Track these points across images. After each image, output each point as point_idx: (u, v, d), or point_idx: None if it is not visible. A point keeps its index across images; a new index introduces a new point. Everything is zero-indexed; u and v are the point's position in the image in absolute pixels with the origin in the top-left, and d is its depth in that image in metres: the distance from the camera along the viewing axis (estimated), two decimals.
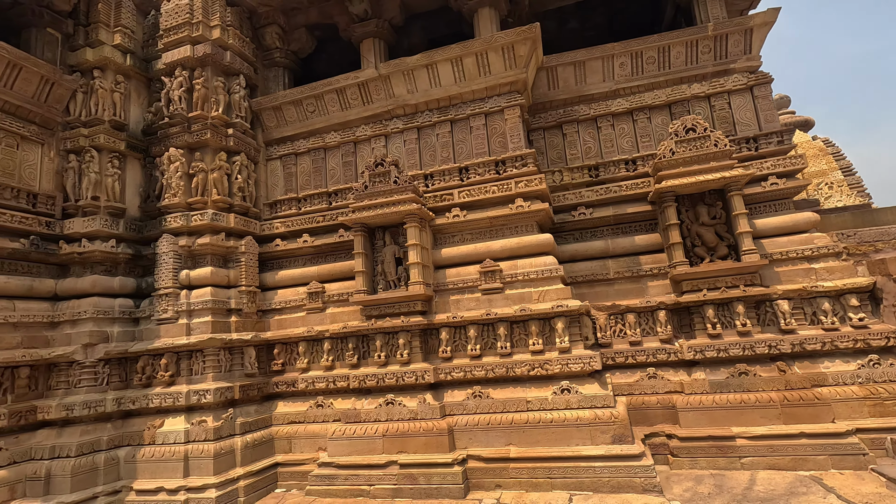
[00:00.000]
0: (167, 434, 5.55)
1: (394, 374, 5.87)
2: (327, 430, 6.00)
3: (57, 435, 5.50)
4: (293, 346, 6.72)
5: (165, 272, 6.34)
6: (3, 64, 5.90)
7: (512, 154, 6.54)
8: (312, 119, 7.53)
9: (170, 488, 5.16)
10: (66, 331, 6.01)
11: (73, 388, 5.77)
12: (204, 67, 7.04)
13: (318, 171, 7.52)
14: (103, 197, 6.56)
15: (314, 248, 7.18)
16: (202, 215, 6.54)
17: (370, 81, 7.14)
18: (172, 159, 6.75)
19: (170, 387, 5.88)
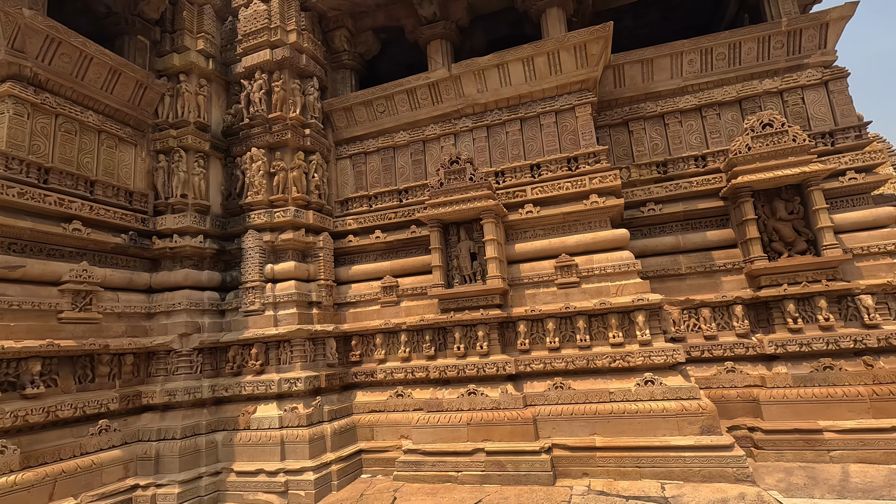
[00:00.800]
0: (261, 420, 5.83)
1: (474, 365, 6.05)
2: (409, 419, 6.21)
3: (160, 418, 5.83)
4: (370, 337, 6.96)
5: (251, 266, 6.64)
6: (105, 70, 6.27)
7: (584, 151, 6.65)
8: (382, 119, 7.77)
9: (269, 470, 5.43)
10: (162, 321, 6.35)
11: (171, 375, 6.10)
12: (282, 70, 7.34)
13: (388, 169, 7.75)
14: (191, 195, 6.89)
15: (385, 244, 7.41)
16: (284, 212, 6.83)
17: (441, 82, 7.33)
18: (255, 158, 7.06)
19: (260, 375, 6.16)
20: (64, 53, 5.84)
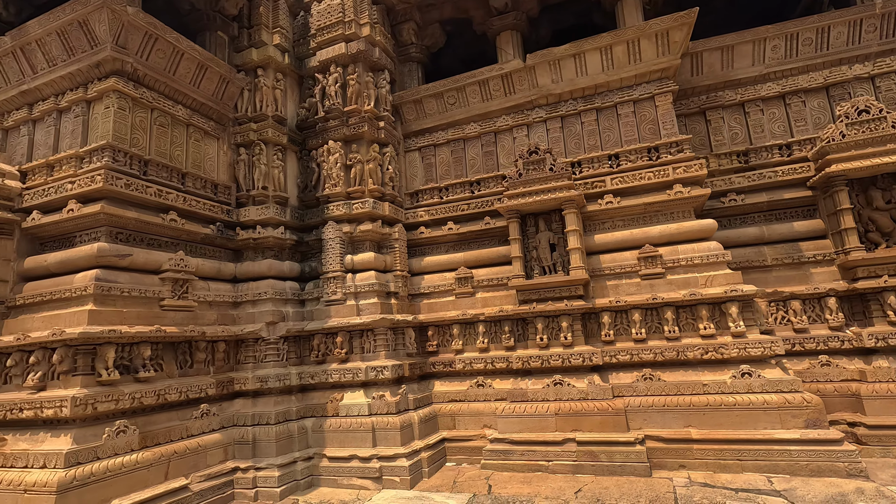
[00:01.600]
0: (350, 407, 5.93)
1: (559, 356, 6.03)
2: (491, 409, 6.24)
3: (253, 404, 5.99)
4: (446, 328, 7.00)
5: (332, 257, 6.75)
6: (194, 65, 6.44)
7: (666, 140, 6.54)
8: (452, 111, 7.78)
9: (363, 456, 5.52)
10: (249, 310, 6.51)
11: (259, 362, 6.26)
12: (356, 64, 7.41)
13: (458, 161, 7.76)
14: (271, 187, 7.03)
15: (458, 236, 7.43)
16: (363, 204, 6.92)
17: (514, 72, 7.30)
18: (332, 151, 7.16)
19: (344, 363, 6.27)
20: (159, 49, 6.01)
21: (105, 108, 5.60)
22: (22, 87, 6.06)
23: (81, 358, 4.65)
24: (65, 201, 5.41)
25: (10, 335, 4.96)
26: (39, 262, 5.39)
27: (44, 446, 4.30)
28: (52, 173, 5.69)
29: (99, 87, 5.64)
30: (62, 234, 5.56)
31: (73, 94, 5.84)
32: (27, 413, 4.47)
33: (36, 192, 5.59)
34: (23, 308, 5.29)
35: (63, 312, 4.90)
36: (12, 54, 6.00)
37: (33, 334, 4.76)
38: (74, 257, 5.17)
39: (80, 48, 5.68)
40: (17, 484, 4.07)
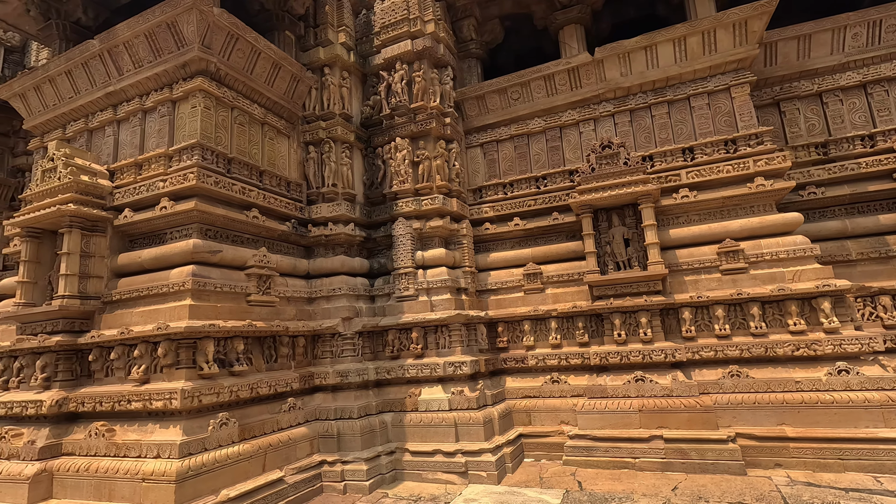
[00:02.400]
0: (429, 402, 5.95)
1: (639, 352, 5.96)
2: (568, 405, 6.20)
3: (333, 398, 6.06)
4: (516, 324, 6.98)
5: (403, 253, 6.78)
6: (269, 64, 6.53)
7: (745, 133, 6.40)
8: (516, 106, 7.74)
9: (447, 451, 5.53)
10: (323, 305, 6.58)
11: (336, 357, 6.32)
12: (421, 60, 7.42)
13: (522, 156, 7.72)
14: (340, 184, 7.09)
15: (524, 231, 7.40)
16: (432, 200, 6.93)
17: (581, 66, 7.23)
18: (399, 148, 7.19)
19: (420, 359, 6.29)
20: (239, 49, 6.11)
21: (192, 108, 5.71)
22: (108, 88, 6.22)
23: (184, 352, 4.76)
24: (156, 199, 5.53)
25: (111, 329, 5.10)
26: (133, 258, 5.53)
27: (154, 437, 4.41)
28: (141, 172, 5.84)
29: (185, 87, 5.75)
30: (152, 231, 5.69)
31: (159, 95, 5.97)
32: (135, 405, 4.60)
33: (127, 191, 5.73)
34: (119, 303, 5.44)
35: (162, 307, 5.02)
36: (99, 57, 6.16)
37: (135, 329, 4.89)
38: (169, 253, 5.29)
39: (167, 49, 5.81)
40: (135, 473, 4.18)
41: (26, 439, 4.78)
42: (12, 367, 5.68)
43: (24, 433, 4.90)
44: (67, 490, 4.49)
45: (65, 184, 5.43)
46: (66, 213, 5.28)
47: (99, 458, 4.51)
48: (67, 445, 4.80)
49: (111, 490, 4.26)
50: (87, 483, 4.40)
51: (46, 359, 5.15)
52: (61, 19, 7.17)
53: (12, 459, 4.76)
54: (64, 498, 4.48)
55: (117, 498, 4.22)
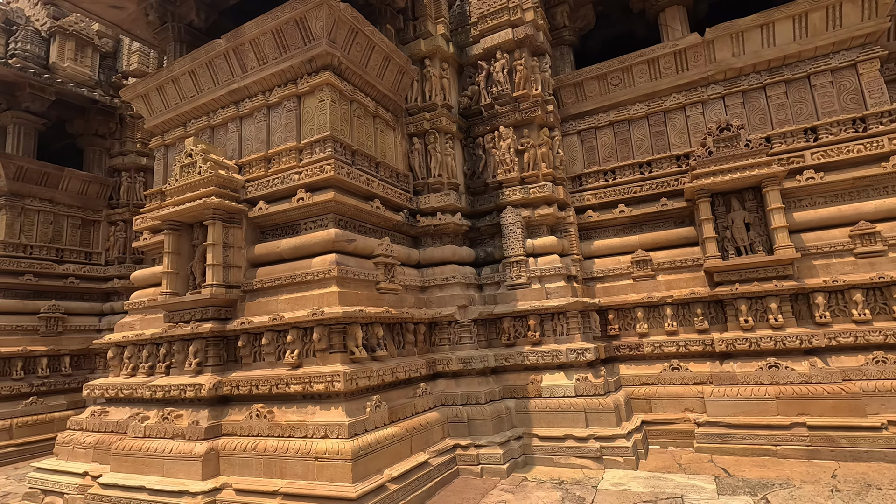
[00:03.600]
0: (553, 388, 5.98)
1: (770, 338, 5.82)
2: (691, 392, 6.12)
3: (456, 385, 6.15)
4: (628, 311, 6.92)
5: (514, 241, 6.80)
6: (381, 57, 6.64)
7: (876, 110, 6.14)
8: (616, 92, 7.64)
9: (578, 436, 5.55)
10: (437, 294, 6.68)
11: (454, 344, 6.42)
12: (521, 49, 7.40)
13: (624, 143, 7.62)
14: (445, 175, 7.16)
15: (629, 219, 7.31)
16: (540, 188, 6.92)
17: (689, 48, 7.07)
18: (503, 137, 7.20)
19: (537, 346, 6.32)
20: (358, 43, 6.23)
21: (319, 102, 5.86)
22: (231, 86, 6.44)
23: (335, 337, 4.92)
24: (291, 191, 5.72)
25: (258, 316, 5.32)
26: (271, 248, 5.74)
27: (317, 418, 4.58)
28: (271, 165, 6.04)
29: (311, 81, 5.91)
30: (285, 222, 5.88)
31: (283, 90, 6.15)
32: (294, 387, 4.78)
33: (260, 184, 5.94)
34: (259, 292, 5.65)
35: (309, 294, 5.19)
36: (224, 56, 6.38)
37: (286, 315, 5.07)
38: (310, 243, 5.46)
39: (294, 45, 5.97)
40: (306, 452, 4.36)
41: (190, 420, 5.04)
42: (158, 354, 6.00)
43: (184, 415, 5.17)
44: (235, 468, 4.72)
45: (205, 178, 5.67)
46: (211, 205, 5.51)
47: (263, 439, 4.71)
48: (227, 426, 5.04)
49: (282, 468, 4.45)
50: (255, 461, 4.61)
51: (198, 345, 5.41)
52: (176, 22, 7.49)
53: (176, 438, 5.03)
54: (232, 475, 4.70)
55: (289, 475, 4.40)
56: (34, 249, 9.57)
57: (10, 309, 9.06)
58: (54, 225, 10.03)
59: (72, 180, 10.18)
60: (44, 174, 9.73)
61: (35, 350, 9.01)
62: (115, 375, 6.47)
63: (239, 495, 4.48)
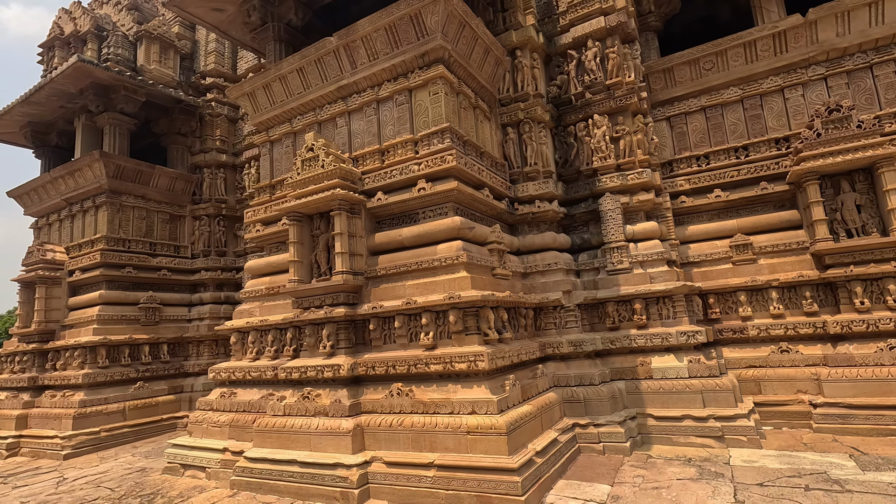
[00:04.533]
0: (665, 370, 6.09)
1: (890, 320, 5.80)
2: (804, 374, 6.17)
3: (566, 367, 6.33)
4: (729, 295, 6.96)
5: (614, 227, 6.91)
6: (482, 49, 6.79)
7: None
8: (708, 76, 7.62)
9: (697, 416, 5.67)
10: (539, 280, 6.85)
11: (560, 328, 6.59)
12: (613, 36, 7.45)
13: (717, 127, 7.61)
14: (540, 164, 7.30)
15: (725, 203, 7.33)
16: (639, 175, 6.99)
17: (790, 30, 7.00)
18: (598, 125, 7.28)
19: (643, 329, 6.43)
20: (464, 36, 6.40)
21: (433, 95, 6.06)
22: (340, 82, 6.70)
23: (470, 319, 5.14)
24: (411, 181, 5.95)
25: (392, 300, 5.59)
26: (392, 236, 5.99)
27: (460, 396, 4.82)
28: (385, 158, 6.29)
29: (424, 75, 6.11)
30: (403, 211, 6.12)
31: (393, 85, 6.37)
32: (434, 367, 5.03)
33: (377, 175, 6.19)
34: (383, 278, 5.92)
35: (438, 279, 5.42)
36: (334, 53, 6.64)
37: (419, 299, 5.32)
38: (434, 230, 5.69)
39: (406, 40, 6.17)
40: (456, 427, 4.60)
41: (331, 399, 5.35)
42: (284, 338, 6.36)
43: (322, 394, 5.49)
44: (381, 442, 5.01)
45: (329, 171, 5.95)
46: (338, 197, 5.79)
47: (407, 415, 4.98)
48: (366, 404, 5.34)
49: (432, 442, 4.71)
50: (402, 436, 4.88)
51: (330, 329, 5.73)
52: (276, 22, 7.80)
53: (318, 416, 5.36)
54: (378, 449, 5.00)
55: (439, 449, 4.66)
56: (131, 243, 10.13)
57: (115, 300, 9.64)
58: (146, 220, 10.57)
59: (161, 177, 10.69)
60: (138, 172, 10.25)
61: (139, 338, 9.57)
62: (236, 359, 6.87)
63: (390, 467, 4.76)
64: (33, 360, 9.58)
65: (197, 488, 5.69)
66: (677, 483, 4.53)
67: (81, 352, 8.92)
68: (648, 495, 4.31)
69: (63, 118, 11.04)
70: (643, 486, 4.54)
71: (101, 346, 9.03)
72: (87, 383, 8.69)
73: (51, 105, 10.51)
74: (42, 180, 10.62)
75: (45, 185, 10.67)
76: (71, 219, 10.57)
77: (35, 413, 8.88)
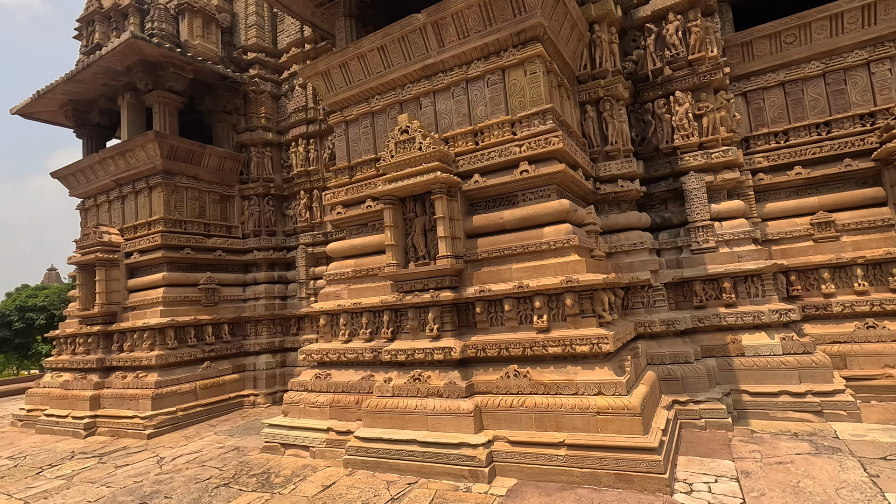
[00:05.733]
0: (757, 347, 6.23)
1: None
2: (892, 349, 6.30)
3: (657, 345, 6.46)
4: (811, 272, 7.05)
5: (699, 206, 6.92)
6: (569, 25, 6.66)
7: None
8: (789, 50, 7.50)
9: (794, 392, 5.83)
10: (623, 260, 6.90)
11: (648, 307, 6.69)
12: (695, 9, 7.28)
13: (797, 103, 7.54)
14: (620, 142, 7.24)
15: (805, 180, 7.33)
16: (724, 153, 6.96)
17: (881, 2, 6.86)
18: (680, 101, 7.20)
19: (732, 307, 6.53)
20: (557, 13, 6.25)
21: (531, 74, 5.97)
22: (426, 61, 6.57)
23: (585, 302, 5.22)
24: (511, 163, 5.92)
25: (501, 284, 5.63)
26: (492, 219, 5.99)
27: (582, 377, 4.94)
28: (479, 139, 6.22)
29: (519, 54, 6.00)
30: (500, 194, 6.11)
31: (484, 64, 6.26)
32: (552, 350, 5.13)
33: (473, 157, 6.14)
34: (484, 261, 5.96)
35: (547, 262, 5.46)
36: (420, 30, 6.48)
37: (531, 283, 5.38)
38: (539, 213, 5.70)
39: (502, 17, 6.02)
40: (584, 407, 4.73)
41: (444, 380, 5.47)
42: (380, 320, 6.43)
43: (433, 376, 5.60)
44: (500, 422, 5.15)
45: (428, 153, 5.89)
46: (439, 180, 5.76)
47: (527, 396, 5.11)
48: (479, 385, 5.45)
49: (557, 422, 4.84)
50: (524, 416, 5.02)
51: (435, 312, 5.80)
52: None
53: (432, 397, 5.48)
54: (498, 429, 5.14)
55: (566, 428, 4.80)
56: (187, 224, 10.08)
57: (177, 281, 9.66)
58: (199, 201, 10.50)
59: (211, 157, 10.56)
60: (190, 152, 10.12)
61: (202, 319, 9.65)
62: (326, 341, 6.96)
63: (515, 446, 4.91)
64: (97, 342, 9.67)
65: (307, 467, 5.85)
66: (798, 458, 4.71)
67: (150, 333, 9.00)
68: (776, 470, 4.47)
69: (105, 96, 10.80)
70: (765, 461, 4.71)
71: (169, 328, 9.12)
72: (159, 364, 8.80)
73: (95, 83, 10.26)
74: (90, 161, 10.47)
75: (92, 165, 10.53)
76: (121, 200, 10.48)
77: (108, 394, 9.02)
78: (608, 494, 4.28)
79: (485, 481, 4.76)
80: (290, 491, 5.14)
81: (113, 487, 5.81)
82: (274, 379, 10.22)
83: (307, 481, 5.38)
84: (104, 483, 5.99)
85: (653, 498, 4.12)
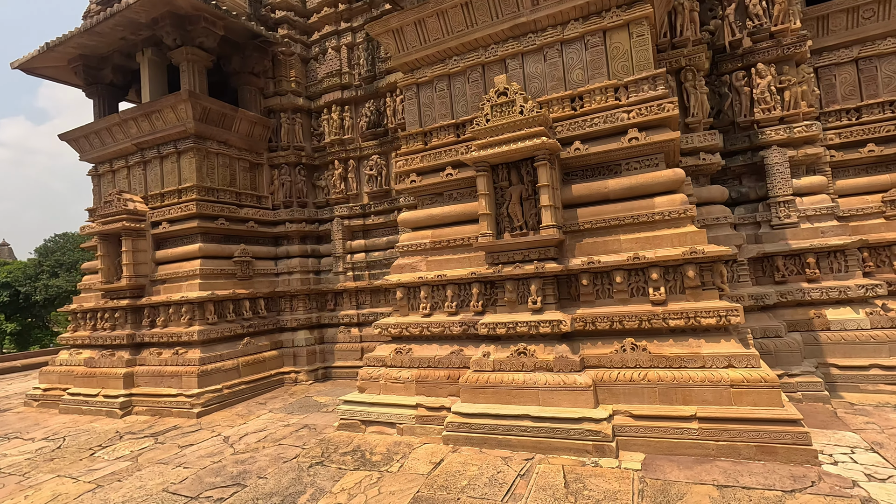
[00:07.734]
0: (844, 322, 6.28)
1: None
2: None
3: (769, 318, 6.42)
4: (884, 249, 7.12)
5: (781, 181, 6.86)
6: None
7: None
8: (866, 26, 7.45)
9: (886, 365, 5.91)
10: (708, 234, 6.77)
11: (733, 282, 6.63)
12: None
13: (871, 80, 7.52)
14: (700, 114, 7.08)
15: (877, 158, 7.37)
16: (807, 127, 6.89)
17: None
18: (762, 74, 7.07)
19: (815, 283, 6.55)
20: None
21: (638, 37, 5.71)
22: (517, 20, 6.20)
23: (707, 274, 5.09)
24: (617, 130, 5.68)
25: (609, 255, 5.44)
26: (595, 188, 5.76)
27: (708, 350, 4.83)
28: (579, 105, 5.94)
29: (624, 16, 5.72)
30: (601, 162, 5.86)
31: (582, 25, 5.95)
32: (674, 322, 5.00)
33: (572, 123, 5.87)
34: (585, 232, 5.74)
35: (661, 233, 5.30)
36: None
37: (647, 254, 5.20)
38: (650, 182, 5.50)
39: None
40: (716, 380, 4.63)
41: (553, 354, 5.28)
42: (469, 293, 6.17)
43: (537, 350, 5.41)
44: (619, 397, 5.01)
45: (530, 118, 5.59)
46: (544, 146, 5.48)
47: (647, 369, 4.97)
48: (589, 359, 5.29)
49: (685, 395, 4.74)
50: (647, 390, 4.89)
51: (537, 284, 5.57)
52: None
53: (539, 371, 5.30)
54: (615, 403, 5.01)
55: (694, 402, 4.69)
56: (219, 193, 9.48)
57: (212, 253, 9.12)
58: (230, 168, 9.88)
59: (242, 122, 9.92)
60: (222, 115, 9.46)
61: (240, 293, 9.17)
62: (402, 315, 6.66)
63: (638, 420, 4.79)
64: (125, 317, 9.07)
65: (401, 444, 5.61)
66: None
67: (189, 308, 8.48)
68: None
69: (120, 52, 9.95)
70: (887, 432, 4.74)
71: (209, 302, 8.61)
72: (200, 340, 8.32)
73: (113, 36, 9.42)
74: (107, 122, 9.67)
75: (110, 127, 9.73)
76: (143, 165, 9.75)
77: (143, 371, 8.50)
78: (752, 466, 4.20)
79: (612, 455, 4.63)
80: (399, 469, 4.90)
81: (192, 468, 5.44)
82: (314, 356, 9.85)
83: (411, 458, 5.15)
84: (179, 464, 5.62)
85: (804, 469, 4.07)
